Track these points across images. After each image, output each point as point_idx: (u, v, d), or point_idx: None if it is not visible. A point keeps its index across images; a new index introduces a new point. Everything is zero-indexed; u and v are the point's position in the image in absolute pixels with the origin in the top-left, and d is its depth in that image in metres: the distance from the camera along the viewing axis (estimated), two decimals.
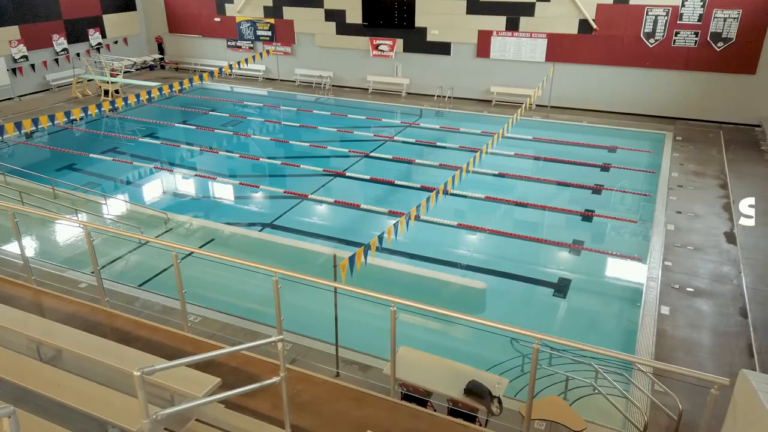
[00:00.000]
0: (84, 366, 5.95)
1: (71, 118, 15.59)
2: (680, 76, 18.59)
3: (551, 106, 19.85)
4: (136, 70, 26.51)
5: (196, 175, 15.23)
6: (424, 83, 22.42)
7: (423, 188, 14.13)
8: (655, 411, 6.69)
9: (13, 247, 10.05)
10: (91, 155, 16.91)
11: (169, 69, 27.36)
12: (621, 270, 11.00)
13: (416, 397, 6.52)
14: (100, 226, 10.70)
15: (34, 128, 14.63)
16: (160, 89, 17.14)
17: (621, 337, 8.97)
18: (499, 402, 6.12)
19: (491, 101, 21.30)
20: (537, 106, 20.57)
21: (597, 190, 14.37)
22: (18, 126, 13.75)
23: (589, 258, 11.35)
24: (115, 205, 13.26)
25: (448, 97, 21.40)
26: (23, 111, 20.42)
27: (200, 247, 11.03)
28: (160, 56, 27.35)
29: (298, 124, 19.36)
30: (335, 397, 6.32)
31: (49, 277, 9.15)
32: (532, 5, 19.67)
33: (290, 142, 17.81)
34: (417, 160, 16.07)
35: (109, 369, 5.69)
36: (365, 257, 8.09)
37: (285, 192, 14.04)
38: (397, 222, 8.91)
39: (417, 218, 12.51)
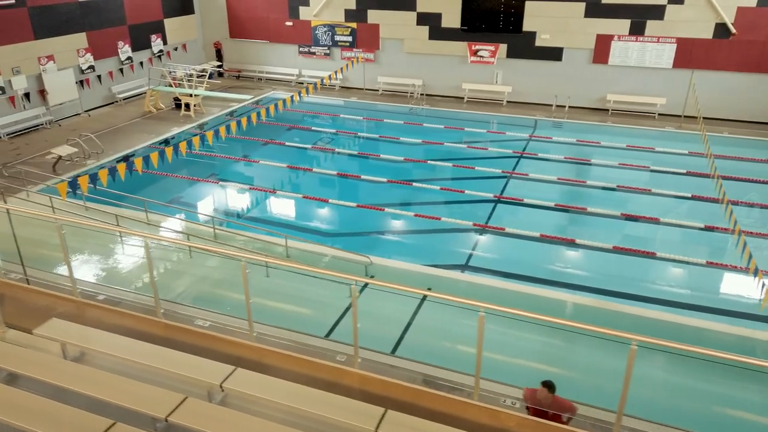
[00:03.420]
0: None
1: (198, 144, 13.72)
2: None
3: (685, 116, 18.60)
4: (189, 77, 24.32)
5: (358, 206, 13.40)
6: (529, 91, 20.96)
7: (625, 216, 12.66)
8: None
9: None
10: (196, 180, 15.05)
11: (229, 77, 25.25)
12: None
13: None
14: (357, 277, 8.90)
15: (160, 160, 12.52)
16: (267, 110, 15.21)
17: None
18: None
19: (607, 110, 19.96)
20: (660, 115, 19.40)
21: None
22: (146, 160, 11.79)
23: None
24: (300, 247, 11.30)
25: (567, 107, 19.99)
26: (100, 129, 18.19)
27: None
28: (219, 63, 25.20)
29: (420, 140, 17.63)
30: None
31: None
32: (662, 8, 18.37)
33: (428, 161, 16.10)
34: (588, 182, 14.56)
35: None
36: None
37: (474, 225, 12.38)
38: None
39: (653, 255, 11.09)
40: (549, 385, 5.40)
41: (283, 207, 14.15)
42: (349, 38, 22.83)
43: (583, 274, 10.93)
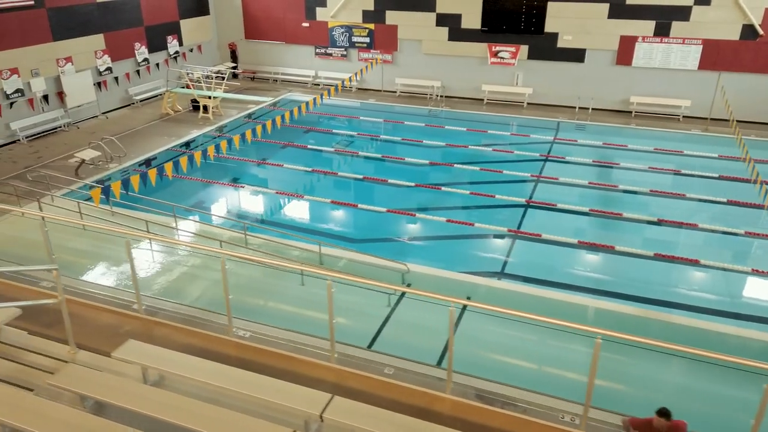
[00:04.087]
0: None
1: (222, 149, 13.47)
2: None
3: (711, 118, 18.36)
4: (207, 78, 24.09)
5: (388, 211, 13.16)
6: (550, 93, 20.71)
7: (662, 222, 12.42)
8: None
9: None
10: (219, 183, 14.83)
11: (244, 78, 25.01)
12: None
13: None
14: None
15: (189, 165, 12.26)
16: (291, 112, 14.93)
17: None
18: None
19: (631, 112, 19.71)
20: (685, 117, 19.16)
21: None
22: (176, 165, 11.56)
23: None
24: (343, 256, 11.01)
25: (591, 109, 19.74)
26: (118, 131, 17.94)
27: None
28: (233, 64, 24.95)
29: (443, 143, 17.39)
30: None
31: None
32: (688, 9, 18.11)
33: (454, 165, 15.85)
34: (620, 186, 14.32)
35: None
36: None
37: (509, 230, 12.14)
38: None
39: (696, 263, 10.84)
40: (665, 413, 5.08)
41: (310, 212, 13.92)
42: (367, 39, 22.60)
43: (626, 282, 10.65)
